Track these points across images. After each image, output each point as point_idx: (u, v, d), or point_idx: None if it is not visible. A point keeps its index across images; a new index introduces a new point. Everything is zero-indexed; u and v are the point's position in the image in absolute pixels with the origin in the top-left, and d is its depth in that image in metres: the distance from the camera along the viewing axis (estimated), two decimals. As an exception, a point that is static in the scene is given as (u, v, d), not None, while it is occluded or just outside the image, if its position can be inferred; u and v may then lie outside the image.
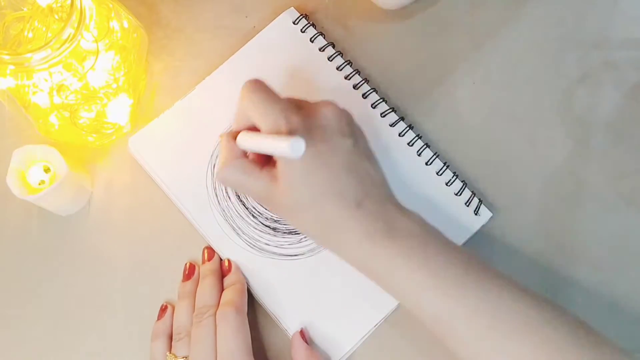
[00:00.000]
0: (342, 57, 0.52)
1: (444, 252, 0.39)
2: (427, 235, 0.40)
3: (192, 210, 0.49)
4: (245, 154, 0.42)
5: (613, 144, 0.50)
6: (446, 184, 0.49)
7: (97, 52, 0.44)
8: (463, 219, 0.48)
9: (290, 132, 0.39)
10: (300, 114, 0.40)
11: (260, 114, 0.40)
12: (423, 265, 0.38)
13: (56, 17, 0.45)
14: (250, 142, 0.41)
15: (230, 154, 0.42)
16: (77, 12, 0.41)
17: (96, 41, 0.44)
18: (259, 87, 0.41)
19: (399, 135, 0.50)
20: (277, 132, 0.39)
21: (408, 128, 0.50)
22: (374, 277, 0.40)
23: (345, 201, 0.39)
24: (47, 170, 0.47)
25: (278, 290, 0.47)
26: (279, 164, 0.40)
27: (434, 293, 0.38)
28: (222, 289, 0.46)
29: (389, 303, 0.46)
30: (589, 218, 0.49)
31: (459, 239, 0.47)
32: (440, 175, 0.49)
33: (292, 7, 0.54)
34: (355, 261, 0.40)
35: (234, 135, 0.42)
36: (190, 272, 0.48)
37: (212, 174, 0.50)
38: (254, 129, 0.42)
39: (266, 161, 0.42)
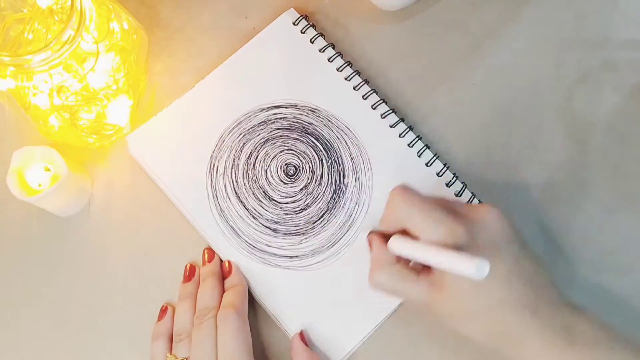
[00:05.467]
0: (342, 58, 0.52)
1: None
2: (611, 340, 0.38)
3: (191, 211, 0.49)
4: (398, 258, 0.41)
5: (613, 144, 0.50)
6: (446, 185, 0.49)
7: (97, 54, 0.44)
8: (463, 220, 0.48)
9: (456, 245, 0.38)
10: (462, 222, 0.39)
11: (420, 225, 0.39)
12: None
13: (56, 18, 0.45)
14: (415, 253, 0.39)
15: (384, 258, 0.41)
16: (77, 13, 0.41)
17: (96, 42, 0.44)
18: (412, 195, 0.40)
19: (400, 136, 0.50)
20: (442, 244, 0.38)
21: (408, 129, 0.50)
22: None
23: (520, 310, 0.38)
24: (47, 171, 0.47)
25: (278, 292, 0.47)
26: (444, 273, 0.39)
27: None
28: (222, 291, 0.46)
29: (389, 304, 0.46)
30: (589, 218, 0.49)
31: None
32: (441, 176, 0.49)
33: (292, 8, 0.54)
34: None
35: (383, 237, 0.42)
36: (190, 273, 0.48)
37: (212, 174, 0.50)
38: (403, 231, 0.41)
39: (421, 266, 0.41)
